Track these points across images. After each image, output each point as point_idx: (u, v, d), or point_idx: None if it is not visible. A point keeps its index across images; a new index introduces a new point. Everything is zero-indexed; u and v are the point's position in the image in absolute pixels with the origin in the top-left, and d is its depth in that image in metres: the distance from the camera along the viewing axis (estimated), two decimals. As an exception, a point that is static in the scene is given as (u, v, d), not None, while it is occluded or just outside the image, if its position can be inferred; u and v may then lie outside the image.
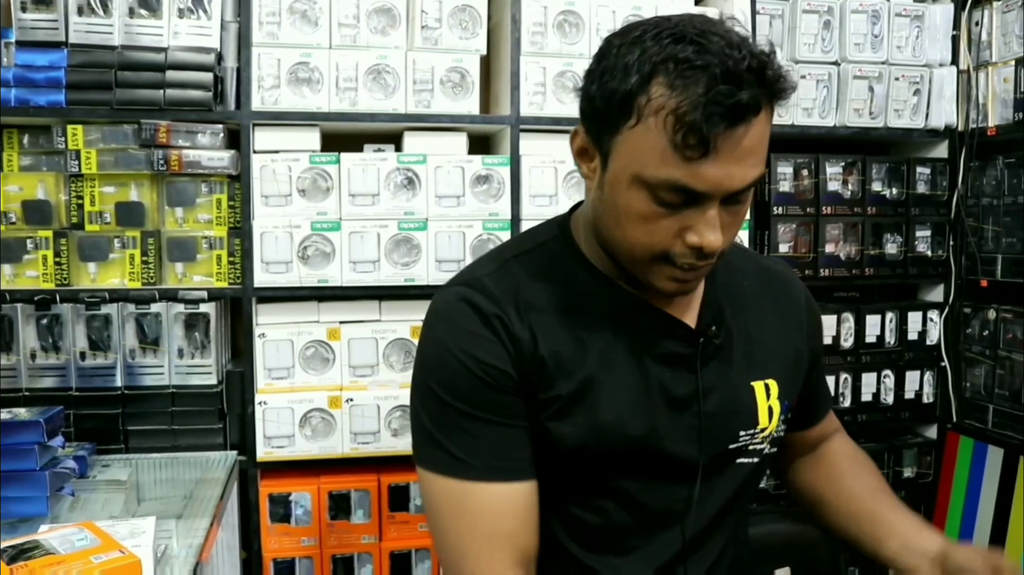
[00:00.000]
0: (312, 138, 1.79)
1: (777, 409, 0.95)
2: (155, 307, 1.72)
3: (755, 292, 0.98)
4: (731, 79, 0.71)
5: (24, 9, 1.65)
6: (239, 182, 1.75)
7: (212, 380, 1.75)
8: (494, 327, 0.85)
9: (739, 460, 0.94)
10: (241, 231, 1.75)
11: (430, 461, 0.87)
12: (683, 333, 0.90)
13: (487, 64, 1.97)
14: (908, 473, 2.20)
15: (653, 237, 0.78)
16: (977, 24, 2.09)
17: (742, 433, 0.92)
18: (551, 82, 1.85)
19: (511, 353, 0.85)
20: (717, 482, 0.93)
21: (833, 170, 2.07)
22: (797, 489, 1.14)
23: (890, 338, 2.15)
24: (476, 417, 0.85)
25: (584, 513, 0.91)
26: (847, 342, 2.11)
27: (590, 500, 0.91)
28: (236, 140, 1.75)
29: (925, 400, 2.19)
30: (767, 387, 0.94)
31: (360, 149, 1.86)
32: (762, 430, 0.93)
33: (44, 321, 1.69)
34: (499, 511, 0.85)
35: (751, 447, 0.93)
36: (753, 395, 0.93)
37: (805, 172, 2.06)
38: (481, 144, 2.02)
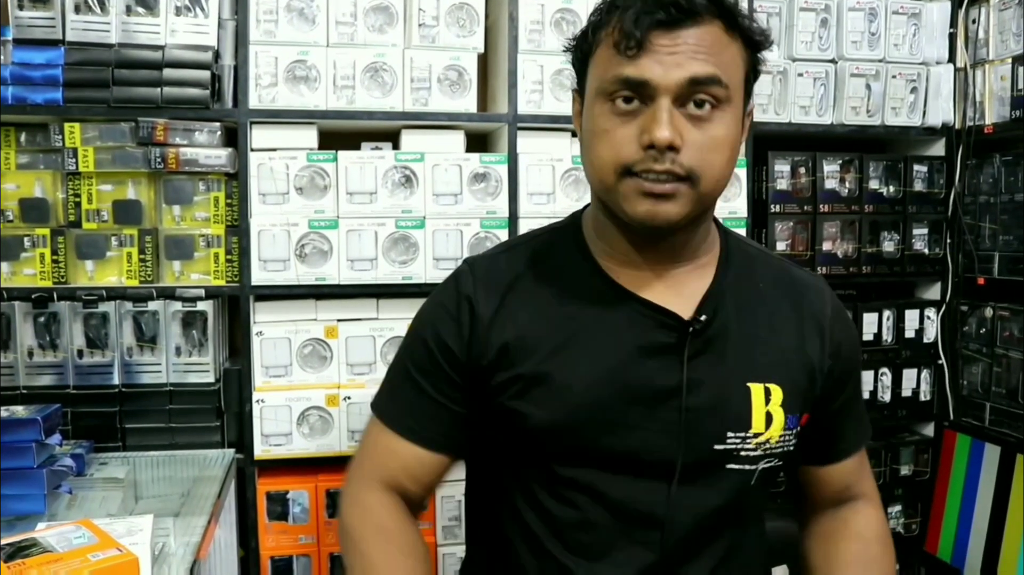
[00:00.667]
0: (309, 136, 1.79)
1: (779, 417, 0.90)
2: (152, 305, 1.71)
3: (772, 295, 0.94)
4: None
5: (21, 7, 1.65)
6: (236, 180, 1.74)
7: (210, 378, 1.75)
8: (460, 306, 0.92)
9: (729, 466, 0.89)
10: (239, 229, 1.74)
11: (376, 397, 0.99)
12: (671, 322, 0.88)
13: (484, 62, 1.97)
14: (905, 471, 2.20)
15: (616, 149, 0.81)
16: (974, 22, 2.09)
17: (731, 434, 0.88)
18: (548, 80, 1.85)
19: (465, 335, 0.91)
20: (704, 487, 0.89)
21: (830, 168, 2.08)
22: (802, 552, 1.08)
23: (887, 336, 2.15)
24: (415, 381, 0.94)
25: (556, 506, 0.90)
26: (844, 340, 2.12)
27: (561, 491, 0.90)
28: (233, 138, 1.75)
29: (922, 398, 2.19)
30: (767, 391, 0.89)
31: (357, 147, 1.86)
32: (756, 435, 0.89)
33: (41, 319, 1.69)
34: (400, 463, 0.95)
35: (743, 453, 0.89)
36: (748, 396, 0.89)
37: (802, 170, 2.06)
38: (479, 142, 2.02)
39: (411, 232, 1.80)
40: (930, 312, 2.19)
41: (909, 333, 2.17)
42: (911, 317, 2.17)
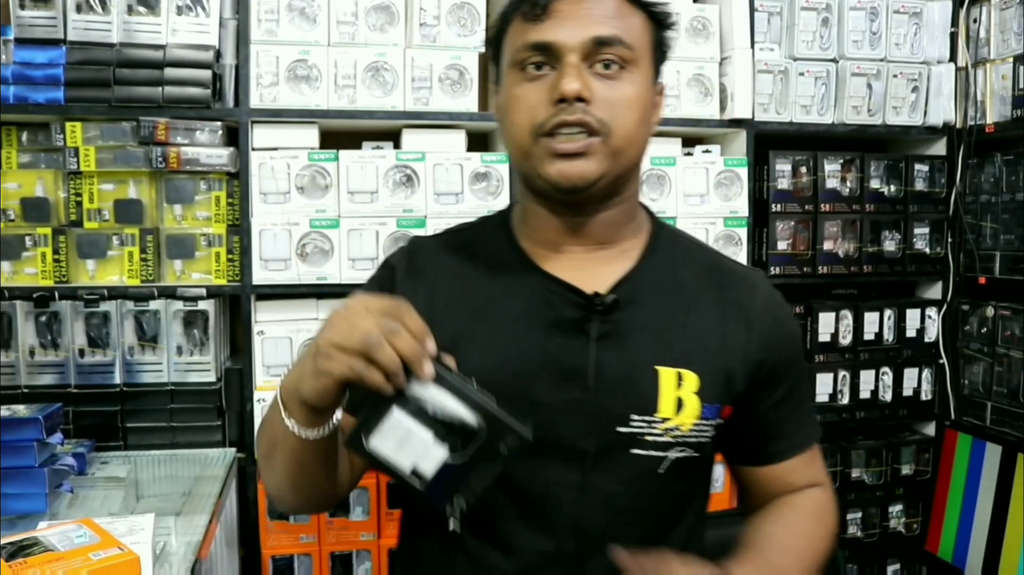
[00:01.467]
0: (311, 135, 1.79)
1: (692, 404, 0.87)
2: (154, 304, 1.72)
3: (697, 285, 0.93)
4: None
5: (23, 6, 1.65)
6: (238, 179, 1.75)
7: (211, 377, 1.75)
8: (384, 273, 0.97)
9: (634, 451, 0.86)
10: (240, 228, 1.75)
11: None
12: (579, 300, 0.88)
13: (486, 61, 1.97)
14: (906, 470, 2.20)
15: (530, 111, 0.84)
16: (975, 21, 2.09)
17: (635, 417, 0.86)
18: None
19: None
20: (607, 473, 0.86)
21: (831, 167, 2.08)
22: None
23: (888, 335, 2.15)
24: None
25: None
26: (845, 339, 2.11)
27: None
28: (235, 137, 1.76)
29: (923, 397, 2.19)
30: (680, 376, 0.87)
31: (359, 146, 1.86)
32: (663, 420, 0.86)
33: (43, 318, 1.69)
34: None
35: (648, 437, 0.86)
36: (655, 379, 0.86)
37: (803, 169, 2.06)
38: (480, 141, 2.02)
39: (413, 231, 1.80)
40: (931, 311, 2.19)
41: (910, 332, 2.17)
42: (912, 316, 2.17)
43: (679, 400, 0.87)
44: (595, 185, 0.85)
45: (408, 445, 0.73)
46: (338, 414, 0.80)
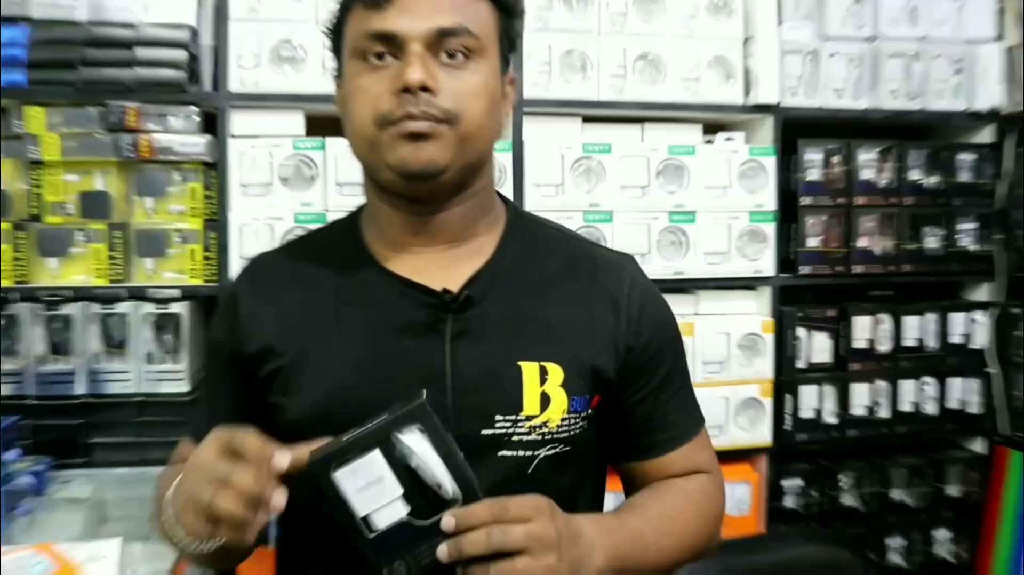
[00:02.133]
0: (296, 122, 1.75)
1: (559, 398, 0.88)
2: (122, 307, 1.68)
3: (559, 276, 0.95)
4: None
5: (-18, -18, 1.63)
6: (215, 170, 1.72)
7: (184, 387, 1.70)
8: (228, 304, 0.96)
9: (502, 453, 0.86)
10: (217, 223, 1.72)
11: None
12: (431, 300, 0.88)
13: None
14: (953, 491, 2.11)
15: (373, 102, 0.85)
16: (1024, -3, 2.05)
17: (499, 417, 0.86)
18: (557, 61, 1.81)
19: (233, 329, 0.94)
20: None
21: (866, 157, 2.03)
22: None
23: (931, 341, 2.09)
24: (205, 379, 1.01)
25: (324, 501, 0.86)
26: (883, 346, 2.06)
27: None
28: (212, 124, 1.72)
29: (971, 410, 2.12)
30: (543, 370, 0.88)
31: (348, 134, 1.79)
32: (529, 418, 0.86)
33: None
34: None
35: (515, 437, 0.86)
36: (519, 376, 0.87)
37: (836, 159, 2.01)
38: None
39: (406, 226, 1.71)
40: (978, 315, 2.12)
41: (955, 338, 2.11)
42: (957, 321, 2.11)
43: (544, 395, 0.88)
44: (444, 173, 0.86)
45: (373, 491, 0.73)
46: None
